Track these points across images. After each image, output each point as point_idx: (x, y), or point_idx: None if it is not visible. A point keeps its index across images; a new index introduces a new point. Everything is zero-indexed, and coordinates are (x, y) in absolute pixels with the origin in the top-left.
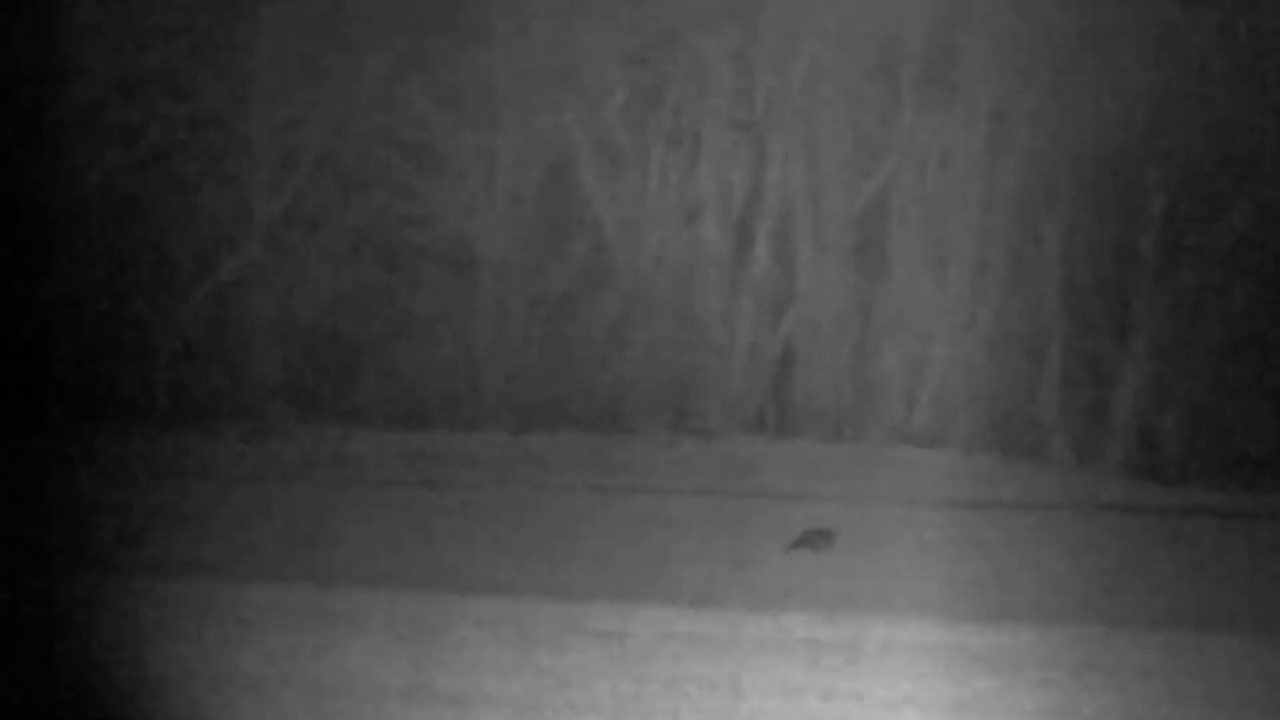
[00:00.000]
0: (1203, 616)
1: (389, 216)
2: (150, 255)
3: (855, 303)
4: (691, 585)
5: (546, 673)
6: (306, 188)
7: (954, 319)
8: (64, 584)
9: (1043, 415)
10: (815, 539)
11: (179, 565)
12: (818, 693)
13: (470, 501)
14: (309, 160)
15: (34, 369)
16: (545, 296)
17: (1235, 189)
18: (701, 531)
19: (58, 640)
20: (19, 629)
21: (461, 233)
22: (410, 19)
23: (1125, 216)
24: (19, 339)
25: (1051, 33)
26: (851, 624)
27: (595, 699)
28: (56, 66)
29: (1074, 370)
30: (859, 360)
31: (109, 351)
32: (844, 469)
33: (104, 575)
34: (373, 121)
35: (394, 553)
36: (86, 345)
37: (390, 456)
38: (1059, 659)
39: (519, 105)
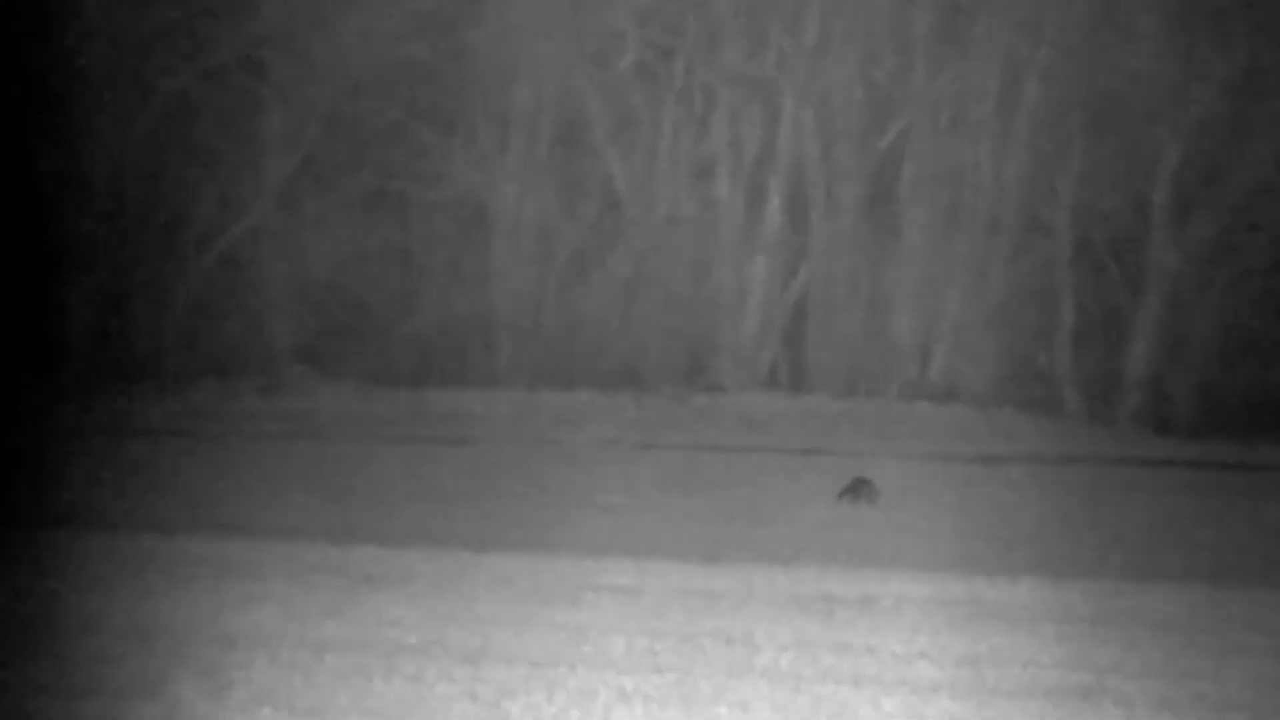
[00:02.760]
0: (1218, 569)
1: (402, 175)
2: (163, 214)
3: (868, 258)
4: (706, 541)
5: (561, 628)
6: (319, 146)
7: (967, 274)
8: (77, 545)
9: (1056, 370)
10: (861, 487)
11: (194, 524)
12: (831, 647)
13: (484, 459)
14: (321, 118)
15: (48, 330)
16: (558, 254)
17: (1249, 141)
18: (716, 487)
19: (65, 601)
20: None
21: (474, 191)
22: None
23: (1138, 170)
24: (33, 300)
25: None
26: (865, 579)
27: (610, 654)
28: (67, 26)
29: (1087, 325)
30: (872, 316)
31: (122, 311)
32: (858, 425)
33: (116, 534)
34: (385, 79)
35: (408, 510)
36: (100, 305)
37: (405, 414)
38: (1073, 612)
39: (531, 63)
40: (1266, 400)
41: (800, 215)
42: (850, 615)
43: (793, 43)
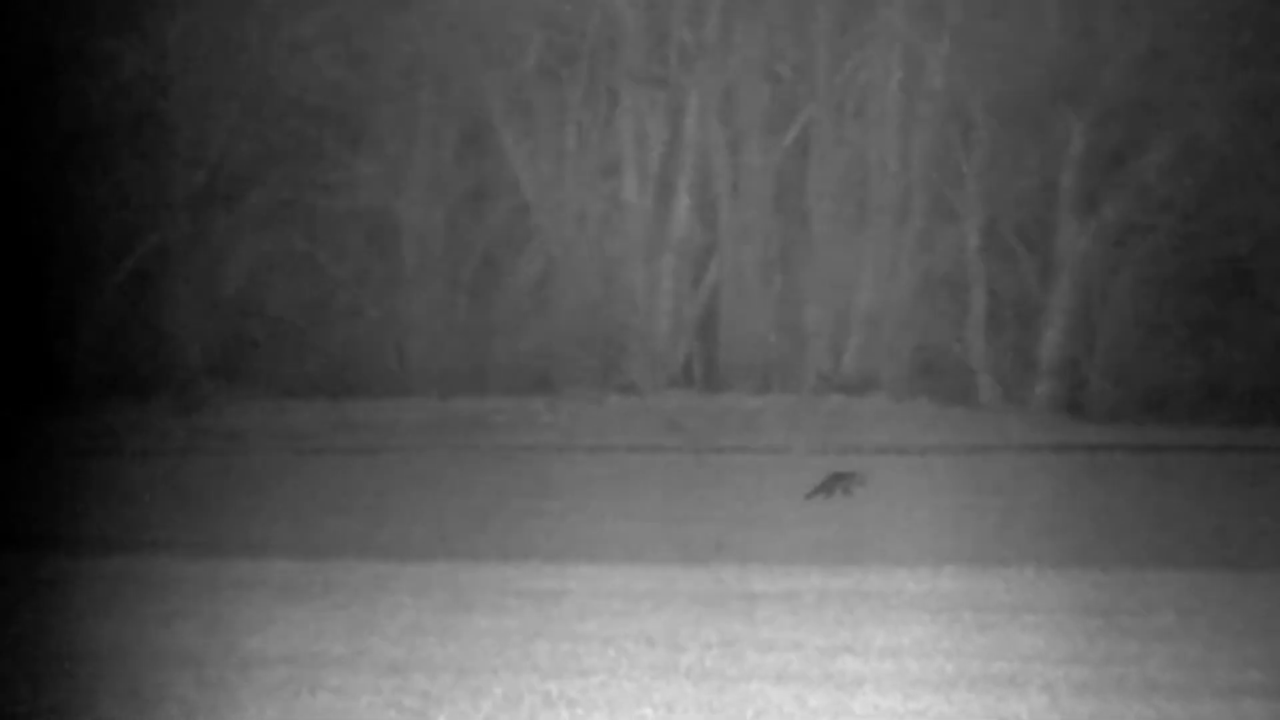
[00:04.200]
0: (1136, 552)
1: (309, 186)
2: (72, 232)
3: (777, 253)
4: (625, 542)
5: (484, 635)
6: (225, 160)
7: (877, 265)
8: None
9: (970, 358)
10: (840, 482)
11: (112, 542)
12: (755, 644)
13: (401, 468)
14: (226, 132)
15: None
16: (468, 259)
17: (1155, 126)
18: (632, 488)
19: None
20: None
21: (382, 199)
22: None
23: (1045, 156)
24: None
25: None
26: (787, 574)
27: (534, 659)
28: None
29: (999, 312)
30: (784, 311)
31: (33, 330)
32: (773, 420)
33: (37, 554)
34: (289, 90)
35: (327, 522)
36: (10, 325)
37: (320, 426)
38: (995, 601)
39: (435, 69)
40: (1179, 382)
41: (708, 211)
42: (772, 611)
43: (694, 39)
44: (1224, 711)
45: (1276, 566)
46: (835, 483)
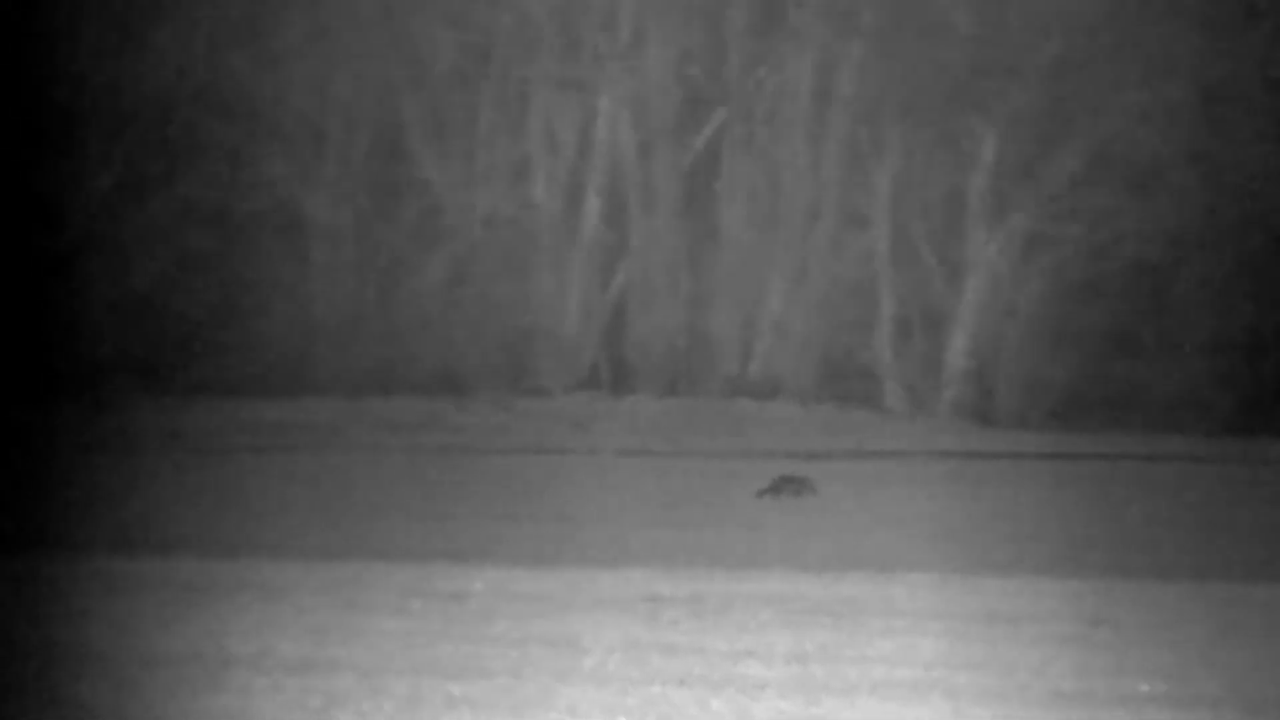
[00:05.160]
0: (1041, 560)
1: (218, 184)
2: None
3: (686, 256)
4: (531, 544)
5: (388, 636)
6: (135, 158)
7: (786, 270)
8: None
9: (877, 364)
10: (789, 486)
11: (17, 540)
12: (659, 648)
13: (308, 467)
14: (137, 130)
15: None
16: (377, 260)
17: (1065, 131)
18: (538, 490)
19: None
20: None
21: (291, 198)
22: None
23: (955, 162)
24: None
25: None
26: (691, 578)
27: (437, 660)
28: None
29: (907, 318)
30: (692, 314)
31: None
32: (680, 423)
33: None
34: (200, 89)
35: (233, 521)
36: None
37: (227, 425)
38: (899, 606)
39: (346, 69)
40: (1088, 390)
41: (618, 214)
42: (677, 615)
43: (607, 42)
44: None
45: (1183, 576)
46: (784, 485)
